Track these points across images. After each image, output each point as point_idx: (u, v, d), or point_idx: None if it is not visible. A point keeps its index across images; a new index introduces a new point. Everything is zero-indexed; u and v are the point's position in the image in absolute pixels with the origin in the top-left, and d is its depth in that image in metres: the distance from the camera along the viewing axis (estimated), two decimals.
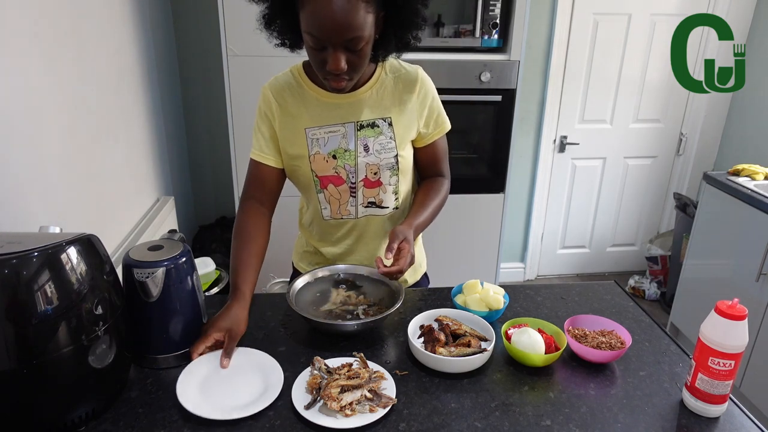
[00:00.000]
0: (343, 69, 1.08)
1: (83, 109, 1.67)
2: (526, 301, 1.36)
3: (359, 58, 1.09)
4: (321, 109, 1.25)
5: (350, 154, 1.26)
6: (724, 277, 2.54)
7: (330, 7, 1.01)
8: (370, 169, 1.27)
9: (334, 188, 1.29)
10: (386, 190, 1.31)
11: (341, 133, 1.25)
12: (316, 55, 1.09)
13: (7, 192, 1.24)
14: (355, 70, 1.12)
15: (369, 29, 1.07)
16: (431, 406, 0.98)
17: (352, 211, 1.32)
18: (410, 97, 1.27)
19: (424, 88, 1.29)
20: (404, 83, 1.27)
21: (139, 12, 2.23)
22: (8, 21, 1.27)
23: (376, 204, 1.32)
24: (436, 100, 1.32)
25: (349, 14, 1.02)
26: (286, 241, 1.60)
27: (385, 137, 1.26)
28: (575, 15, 3.00)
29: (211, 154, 3.05)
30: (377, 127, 1.25)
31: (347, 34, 1.04)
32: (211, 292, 2.14)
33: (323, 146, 1.25)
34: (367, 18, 1.05)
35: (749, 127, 3.10)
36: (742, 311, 0.92)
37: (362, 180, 1.28)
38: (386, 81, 1.27)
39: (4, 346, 0.80)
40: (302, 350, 1.13)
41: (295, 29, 1.12)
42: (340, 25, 1.02)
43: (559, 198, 3.42)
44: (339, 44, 1.06)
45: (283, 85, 1.27)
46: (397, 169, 1.29)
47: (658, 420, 0.97)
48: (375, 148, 1.26)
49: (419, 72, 1.30)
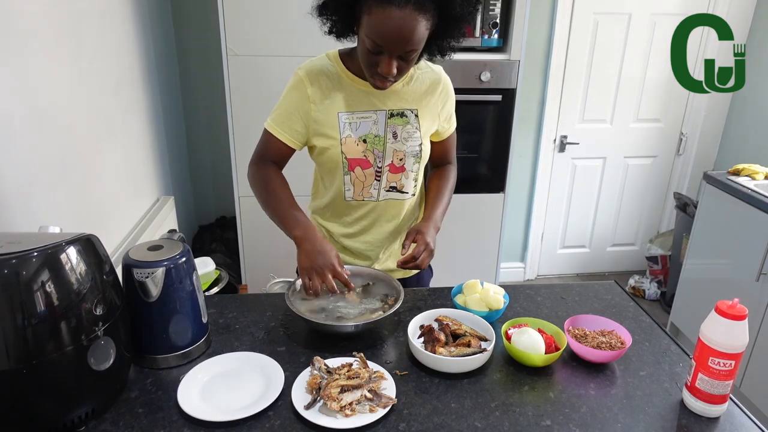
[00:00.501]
0: (394, 74, 1.16)
1: (83, 109, 1.67)
2: (526, 301, 1.36)
3: (407, 65, 1.18)
4: (355, 96, 1.31)
5: (380, 140, 1.32)
6: (724, 277, 2.54)
7: (397, 21, 1.07)
8: (396, 155, 1.34)
9: (360, 171, 1.34)
10: (408, 176, 1.38)
11: (372, 120, 1.31)
12: (370, 57, 1.16)
13: (7, 192, 1.24)
14: (402, 74, 1.20)
15: (424, 42, 1.14)
16: (431, 406, 0.98)
17: (374, 194, 1.38)
18: (433, 95, 1.37)
19: (446, 89, 1.39)
20: (429, 82, 1.36)
21: (139, 12, 2.23)
22: (8, 21, 1.27)
23: (398, 189, 1.39)
24: (453, 100, 1.43)
25: (412, 29, 1.09)
26: (285, 241, 1.60)
27: (412, 127, 1.34)
28: (575, 15, 3.00)
29: (211, 154, 3.05)
30: (405, 116, 1.33)
31: (407, 47, 1.12)
32: (211, 292, 2.13)
33: (355, 131, 1.31)
34: (426, 33, 1.12)
35: (749, 127, 3.10)
36: (742, 311, 0.92)
37: (388, 165, 1.35)
38: (415, 77, 1.35)
39: (4, 346, 0.80)
40: (302, 350, 1.13)
41: (347, 22, 1.18)
42: (404, 39, 1.10)
43: (559, 198, 3.42)
44: (397, 53, 1.13)
45: (319, 70, 1.31)
46: (420, 157, 1.37)
47: (658, 420, 0.97)
48: (402, 136, 1.33)
49: (442, 72, 1.40)
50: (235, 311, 1.26)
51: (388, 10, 1.06)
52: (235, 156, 2.45)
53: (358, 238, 1.44)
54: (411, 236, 1.28)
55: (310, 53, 1.37)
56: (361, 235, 1.44)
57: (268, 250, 2.57)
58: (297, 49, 2.10)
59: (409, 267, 1.26)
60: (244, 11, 2.25)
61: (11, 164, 1.26)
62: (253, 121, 2.40)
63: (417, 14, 1.07)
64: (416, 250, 1.25)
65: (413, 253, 1.25)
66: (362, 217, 1.41)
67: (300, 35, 2.22)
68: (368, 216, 1.41)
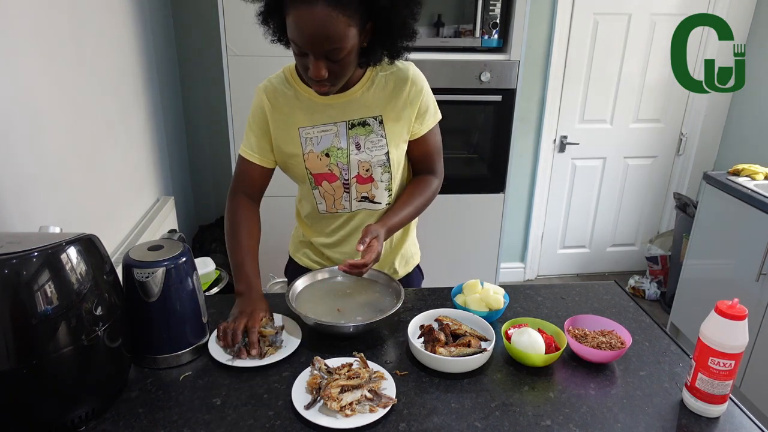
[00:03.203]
0: (323, 76, 1.10)
1: (83, 109, 1.67)
2: (526, 301, 1.36)
3: (341, 67, 1.11)
4: (313, 109, 1.27)
5: (342, 152, 1.28)
6: (724, 277, 2.54)
7: (310, 18, 1.03)
8: (362, 166, 1.29)
9: (328, 185, 1.32)
10: (378, 186, 1.33)
11: (333, 132, 1.27)
12: (300, 60, 1.12)
13: (7, 192, 1.24)
14: (337, 77, 1.13)
15: (351, 40, 1.08)
16: (431, 406, 0.98)
17: (346, 206, 1.35)
18: (401, 95, 1.28)
19: (415, 86, 1.29)
20: (395, 81, 1.28)
21: (139, 12, 2.23)
22: (8, 21, 1.27)
23: (369, 199, 1.35)
24: (428, 96, 1.32)
25: (328, 27, 1.03)
26: (285, 241, 1.60)
27: (376, 135, 1.28)
28: (575, 15, 3.00)
29: (211, 154, 3.05)
30: (368, 125, 1.27)
31: (326, 45, 1.06)
32: (211, 292, 2.14)
33: (316, 145, 1.28)
34: (349, 31, 1.06)
35: (749, 127, 3.10)
36: (742, 311, 0.92)
37: (355, 176, 1.31)
38: (377, 80, 1.28)
39: (4, 346, 0.80)
40: (302, 350, 1.13)
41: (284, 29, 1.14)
42: (319, 37, 1.04)
43: (559, 198, 3.42)
44: (319, 54, 1.08)
45: (276, 86, 1.29)
46: (388, 166, 1.31)
47: (658, 420, 0.97)
48: (366, 146, 1.28)
49: (410, 70, 1.30)
50: None
51: (301, 8, 1.03)
52: (235, 156, 2.45)
53: (337, 249, 1.41)
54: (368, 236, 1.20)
55: None
56: (340, 246, 1.41)
57: (267, 250, 2.56)
58: None
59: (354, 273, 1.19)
60: (244, 11, 2.22)
61: (11, 164, 1.26)
62: None
63: (330, 10, 1.02)
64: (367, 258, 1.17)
65: (365, 261, 1.17)
66: (339, 227, 1.39)
67: None
68: (345, 226, 1.38)
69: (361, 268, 1.17)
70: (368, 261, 1.17)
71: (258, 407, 0.97)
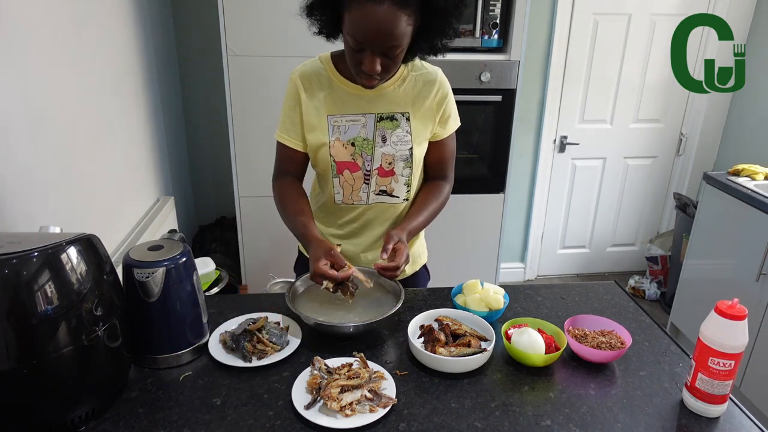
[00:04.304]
0: (377, 71, 1.15)
1: (83, 109, 1.67)
2: (526, 301, 1.36)
3: (393, 63, 1.16)
4: (344, 99, 1.31)
5: (368, 144, 1.32)
6: (724, 277, 2.54)
7: (376, 17, 1.06)
8: (385, 158, 1.33)
9: (349, 174, 1.34)
10: (398, 180, 1.36)
11: (361, 123, 1.31)
12: (354, 55, 1.15)
13: (7, 192, 1.24)
14: (388, 72, 1.18)
15: (407, 39, 1.13)
16: (431, 406, 0.98)
17: (363, 198, 1.37)
18: (428, 97, 1.33)
19: (442, 90, 1.35)
20: (424, 83, 1.33)
21: (139, 12, 2.23)
22: (8, 21, 1.27)
23: (388, 192, 1.37)
24: (452, 101, 1.38)
25: (392, 25, 1.08)
26: (286, 241, 1.60)
27: (402, 131, 1.32)
28: (575, 15, 3.00)
29: (211, 154, 3.05)
30: (395, 120, 1.31)
31: (388, 42, 1.10)
32: (211, 292, 2.14)
33: (343, 133, 1.31)
34: (408, 29, 1.11)
35: (749, 127, 3.10)
36: (742, 311, 0.92)
37: (377, 168, 1.34)
38: (408, 79, 1.33)
39: (4, 346, 0.80)
40: (302, 350, 1.13)
41: (334, 23, 1.18)
42: (383, 35, 1.09)
43: (559, 198, 3.42)
44: (378, 50, 1.12)
45: (311, 73, 1.32)
46: (410, 161, 1.34)
47: (658, 420, 0.97)
48: (392, 140, 1.32)
49: (438, 74, 1.36)
50: (235, 311, 1.26)
51: (367, 6, 1.06)
52: (235, 156, 2.45)
53: (349, 241, 1.43)
54: (391, 242, 1.22)
55: (310, 53, 1.37)
56: (352, 238, 1.43)
57: (268, 250, 2.57)
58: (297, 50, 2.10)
59: (387, 276, 1.21)
60: (244, 11, 2.25)
61: (11, 164, 1.26)
62: (253, 122, 2.41)
63: (396, 9, 1.07)
64: (398, 260, 1.19)
65: (396, 263, 1.19)
66: (352, 220, 1.41)
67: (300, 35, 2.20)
68: (358, 219, 1.41)
69: (393, 271, 1.19)
70: (399, 263, 1.19)
71: (258, 407, 0.97)
